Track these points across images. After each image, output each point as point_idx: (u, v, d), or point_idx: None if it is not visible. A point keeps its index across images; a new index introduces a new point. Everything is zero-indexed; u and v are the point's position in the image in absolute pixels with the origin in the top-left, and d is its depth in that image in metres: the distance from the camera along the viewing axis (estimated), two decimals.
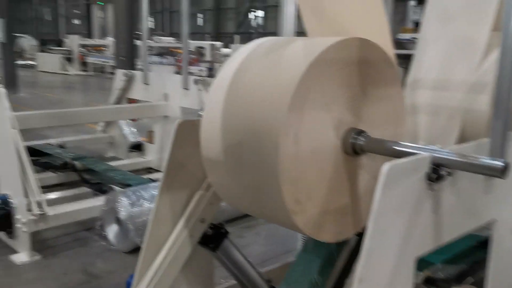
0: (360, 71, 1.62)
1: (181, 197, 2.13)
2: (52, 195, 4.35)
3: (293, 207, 1.51)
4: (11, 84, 15.23)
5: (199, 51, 19.92)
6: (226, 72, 1.73)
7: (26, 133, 4.11)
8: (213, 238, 2.15)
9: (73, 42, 23.52)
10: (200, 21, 33.79)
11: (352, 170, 1.66)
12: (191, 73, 6.80)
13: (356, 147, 1.60)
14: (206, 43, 21.08)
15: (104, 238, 3.91)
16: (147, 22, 6.00)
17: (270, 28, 29.70)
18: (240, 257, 2.18)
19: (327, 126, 1.57)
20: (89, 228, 4.12)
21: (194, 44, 19.94)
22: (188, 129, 2.03)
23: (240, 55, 1.76)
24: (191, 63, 16.45)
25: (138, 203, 3.70)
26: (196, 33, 31.71)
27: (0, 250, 3.78)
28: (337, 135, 1.59)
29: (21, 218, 3.59)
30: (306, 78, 1.47)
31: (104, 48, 22.68)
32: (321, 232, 1.61)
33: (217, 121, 1.68)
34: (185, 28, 5.18)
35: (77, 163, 4.84)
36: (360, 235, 1.72)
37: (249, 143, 1.56)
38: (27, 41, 28.41)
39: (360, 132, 1.61)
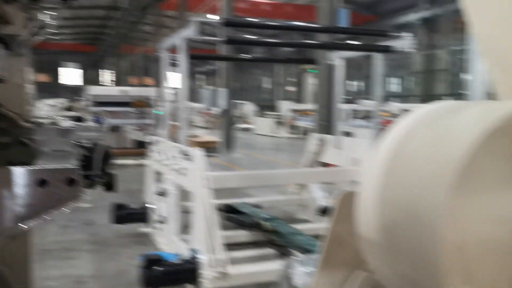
0: None
1: (340, 275, 1.93)
2: (238, 254, 4.51)
3: None
4: (228, 146, 17.06)
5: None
6: (388, 140, 1.54)
7: (229, 191, 4.35)
8: None
9: (284, 107, 25.51)
10: (409, 84, 33.16)
11: None
12: None
13: None
14: (412, 106, 20.53)
15: None
16: (343, 88, 6.07)
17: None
18: None
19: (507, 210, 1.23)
20: None
21: (400, 107, 19.58)
22: (354, 201, 1.85)
23: (407, 121, 1.55)
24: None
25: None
26: (404, 96, 31.14)
27: None
28: None
29: (206, 273, 3.79)
30: (476, 152, 1.19)
31: (312, 113, 23.89)
32: None
33: (373, 195, 1.48)
34: (378, 90, 5.14)
35: (266, 224, 4.98)
36: None
37: (405, 226, 1.32)
38: (247, 107, 31.98)
39: None
